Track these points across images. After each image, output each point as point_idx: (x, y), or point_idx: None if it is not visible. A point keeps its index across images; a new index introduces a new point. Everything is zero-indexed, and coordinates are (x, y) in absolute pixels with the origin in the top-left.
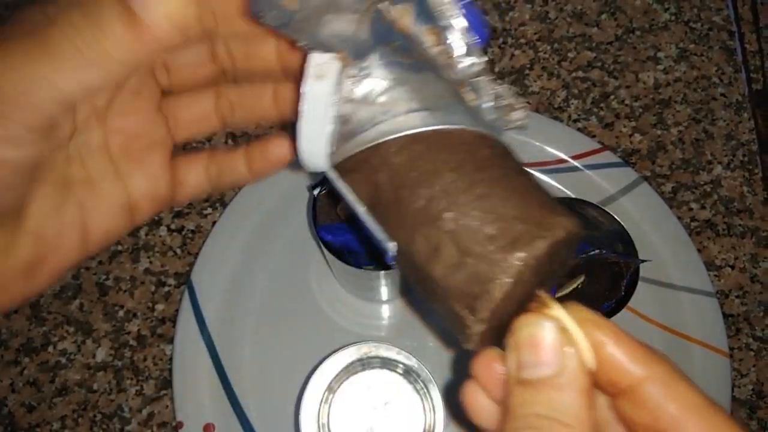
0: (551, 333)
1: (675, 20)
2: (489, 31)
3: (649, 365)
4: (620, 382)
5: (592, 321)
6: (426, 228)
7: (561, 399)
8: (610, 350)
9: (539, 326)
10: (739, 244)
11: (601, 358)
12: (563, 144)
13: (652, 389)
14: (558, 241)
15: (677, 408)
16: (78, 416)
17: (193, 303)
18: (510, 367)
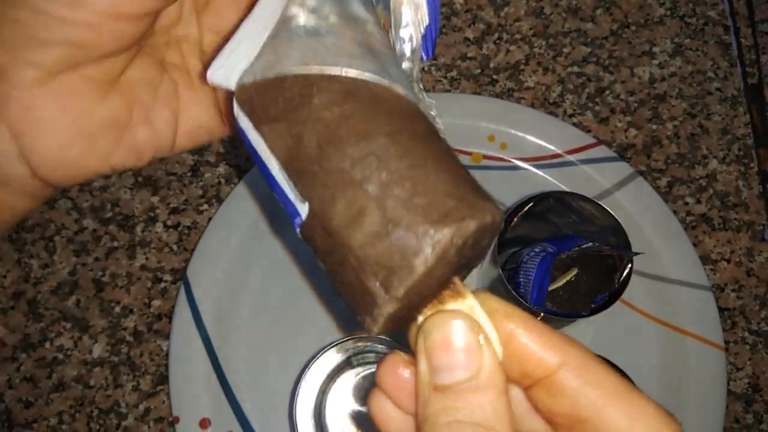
0: (465, 334)
1: (670, 15)
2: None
3: (563, 352)
4: (534, 372)
5: (501, 311)
6: (351, 189)
7: (481, 402)
8: (523, 340)
9: (451, 326)
10: (735, 238)
11: (513, 350)
12: (558, 139)
13: (568, 376)
14: (485, 225)
15: (597, 393)
16: (75, 412)
17: (189, 299)
18: (422, 372)
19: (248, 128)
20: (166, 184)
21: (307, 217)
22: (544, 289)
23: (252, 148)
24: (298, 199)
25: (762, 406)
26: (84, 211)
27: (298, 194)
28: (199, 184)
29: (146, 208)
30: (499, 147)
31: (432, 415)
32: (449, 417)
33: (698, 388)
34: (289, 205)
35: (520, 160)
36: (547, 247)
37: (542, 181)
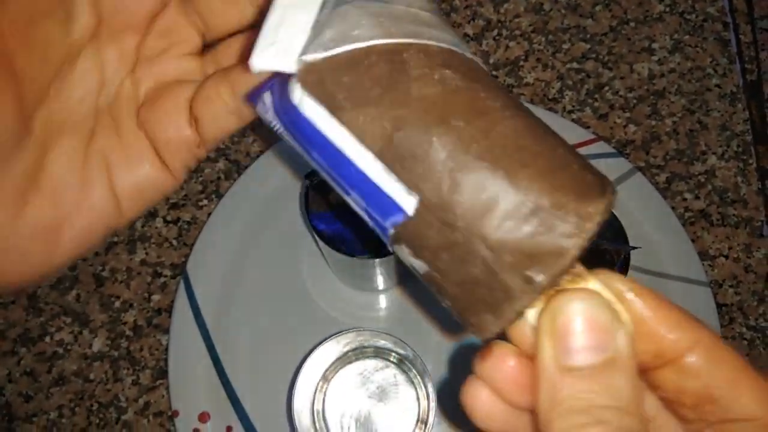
0: (599, 312)
1: (669, 11)
2: None
3: (695, 331)
4: (667, 353)
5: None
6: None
7: (619, 384)
8: (655, 320)
9: (584, 305)
10: (733, 234)
11: (645, 330)
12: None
13: (701, 355)
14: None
15: (730, 373)
16: (75, 406)
17: (188, 293)
18: (547, 356)
19: (320, 116)
20: None
21: (415, 212)
22: None
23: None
24: (403, 191)
25: None
26: None
27: (402, 186)
28: (199, 179)
29: None
30: None
31: (566, 399)
32: (586, 401)
33: None
34: (384, 202)
35: None
36: None
37: None
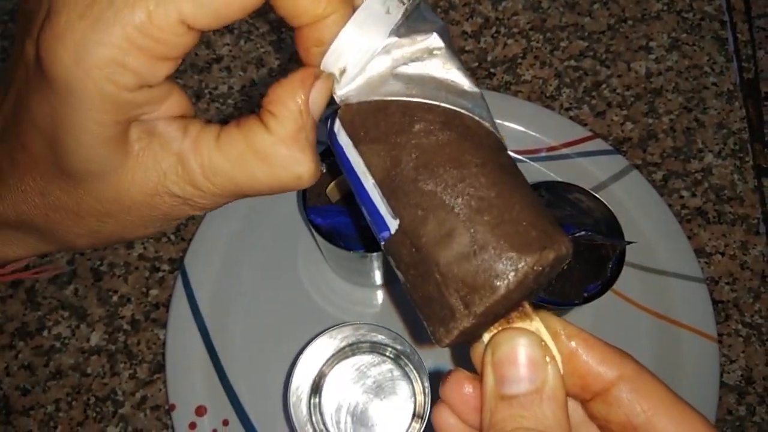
0: (532, 349)
1: (667, 10)
2: None
3: (619, 366)
4: (593, 386)
5: (564, 331)
6: (442, 212)
7: (545, 411)
8: (584, 358)
9: (520, 342)
10: (730, 231)
11: (574, 366)
12: (555, 132)
13: (624, 388)
14: (561, 256)
15: (649, 404)
16: (72, 399)
17: (186, 288)
18: (489, 384)
19: (347, 145)
20: None
21: (396, 232)
22: None
23: (347, 163)
24: (390, 215)
25: (755, 398)
26: None
27: (390, 210)
28: None
29: None
30: None
31: (499, 421)
32: (515, 424)
33: (691, 380)
34: (378, 218)
35: (516, 153)
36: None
37: (538, 174)
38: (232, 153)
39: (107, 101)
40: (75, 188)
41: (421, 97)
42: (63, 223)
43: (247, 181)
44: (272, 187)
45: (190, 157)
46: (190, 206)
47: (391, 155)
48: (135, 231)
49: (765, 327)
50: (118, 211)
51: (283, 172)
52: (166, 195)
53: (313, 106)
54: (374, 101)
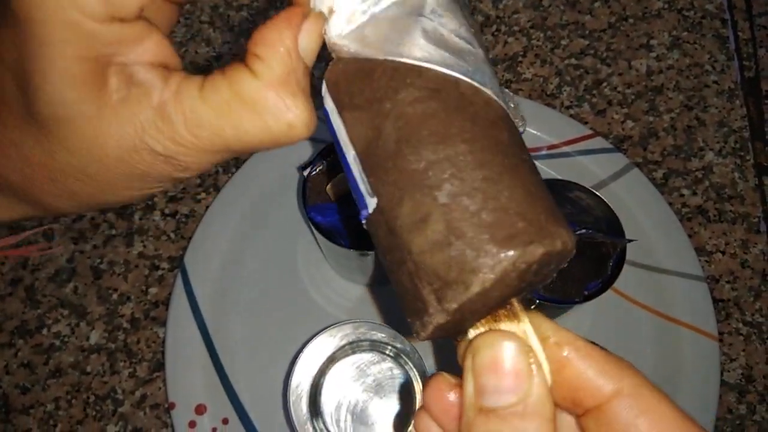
0: (516, 356)
1: (668, 8)
2: None
3: (618, 379)
4: (585, 401)
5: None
6: (420, 193)
7: (526, 429)
8: (576, 368)
9: (502, 347)
10: (730, 229)
11: (565, 377)
12: (555, 130)
13: (622, 405)
14: (553, 252)
15: (651, 425)
16: (71, 398)
17: (185, 286)
18: (468, 393)
19: (332, 111)
20: None
21: (373, 211)
22: None
23: (333, 130)
24: (368, 192)
25: (755, 397)
26: None
27: (369, 187)
28: None
29: None
30: None
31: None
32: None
33: (692, 378)
34: (359, 194)
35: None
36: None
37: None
38: (216, 102)
39: (74, 32)
40: (48, 139)
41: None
42: (39, 180)
43: (233, 133)
44: (262, 140)
45: (171, 107)
46: (172, 165)
47: (373, 125)
48: (115, 193)
49: (765, 326)
50: (93, 167)
51: (273, 121)
52: (145, 151)
53: (302, 49)
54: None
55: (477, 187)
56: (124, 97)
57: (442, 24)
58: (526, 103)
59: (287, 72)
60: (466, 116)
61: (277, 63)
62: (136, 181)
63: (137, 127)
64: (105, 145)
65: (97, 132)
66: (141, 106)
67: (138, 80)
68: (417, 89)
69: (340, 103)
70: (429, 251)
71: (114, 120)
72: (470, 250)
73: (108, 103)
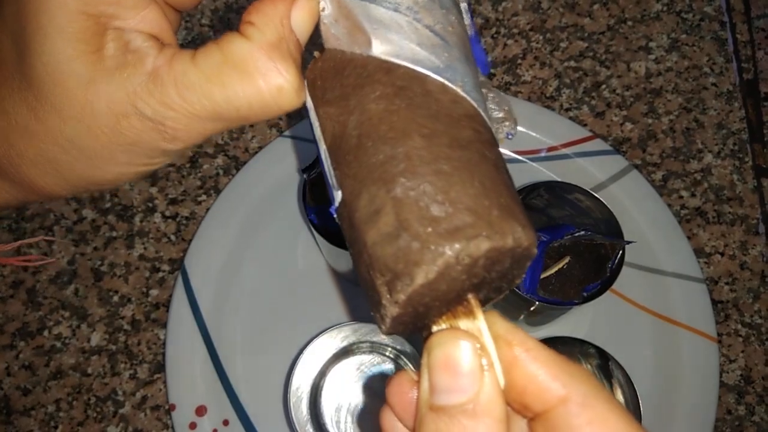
0: (468, 355)
1: (667, 11)
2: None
3: (568, 384)
4: (533, 405)
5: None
6: (375, 187)
7: (475, 428)
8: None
9: (455, 346)
10: (729, 231)
11: (514, 378)
12: (554, 132)
13: (568, 411)
14: (502, 248)
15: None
16: (72, 399)
17: (186, 288)
18: (422, 390)
19: (310, 108)
20: (165, 175)
21: (339, 204)
22: (536, 276)
23: (311, 127)
24: (335, 186)
25: (754, 398)
26: (83, 201)
27: (335, 180)
28: (198, 175)
29: (145, 199)
30: None
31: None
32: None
33: (691, 380)
34: (329, 188)
35: (516, 153)
36: (540, 236)
37: (538, 174)
38: (207, 65)
39: None
40: (40, 103)
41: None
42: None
43: (223, 97)
44: (251, 104)
45: (163, 72)
46: (160, 133)
47: (339, 120)
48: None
49: (764, 327)
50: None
51: (263, 82)
52: (135, 117)
53: (295, 23)
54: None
55: (429, 180)
56: (119, 64)
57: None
58: (525, 105)
59: (279, 38)
60: (428, 112)
61: (270, 29)
62: (124, 154)
63: (129, 91)
64: (95, 111)
65: (89, 97)
66: (135, 71)
67: (134, 47)
68: (383, 85)
69: (316, 100)
70: (380, 243)
71: (106, 84)
72: (416, 242)
73: (102, 68)
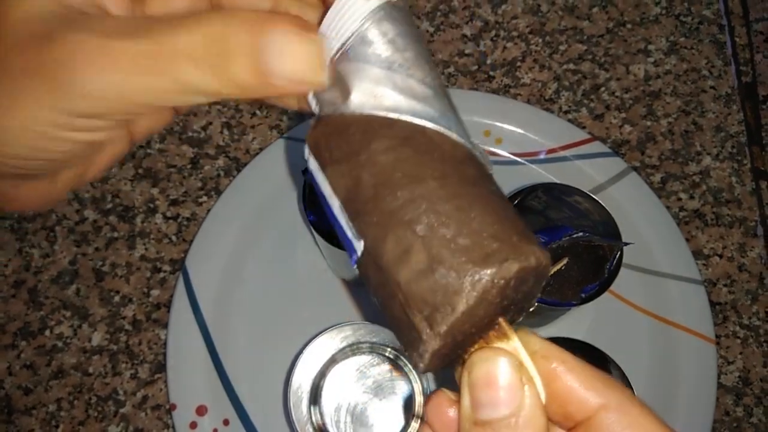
0: (508, 371)
1: (665, 14)
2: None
3: (604, 393)
4: (575, 414)
5: (543, 351)
6: (400, 229)
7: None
8: (564, 381)
9: (495, 363)
10: (728, 233)
11: (554, 390)
12: (553, 134)
13: (607, 418)
14: (528, 268)
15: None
16: (73, 399)
17: (187, 289)
18: (464, 407)
19: (315, 169)
20: (166, 176)
21: (362, 254)
22: None
23: (318, 187)
24: (355, 237)
25: (752, 400)
26: (85, 201)
27: (355, 231)
28: (199, 176)
29: (146, 200)
30: (494, 142)
31: None
32: None
33: (689, 381)
34: (347, 241)
35: (515, 155)
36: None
37: (537, 176)
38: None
39: None
40: None
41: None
42: None
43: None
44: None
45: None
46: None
47: (352, 175)
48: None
49: (762, 329)
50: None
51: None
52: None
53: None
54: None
55: (451, 216)
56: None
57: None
58: (524, 108)
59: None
60: (434, 157)
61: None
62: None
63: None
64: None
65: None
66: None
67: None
68: (389, 139)
69: (322, 161)
70: (415, 280)
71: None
72: (451, 273)
73: None
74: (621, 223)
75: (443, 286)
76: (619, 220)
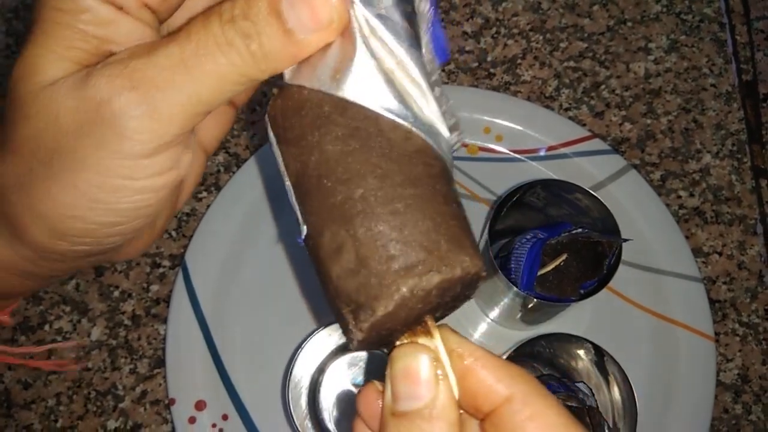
0: (425, 365)
1: (666, 12)
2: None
3: (510, 385)
4: (483, 406)
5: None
6: (335, 226)
7: (432, 430)
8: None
9: (414, 358)
10: (727, 231)
11: (467, 384)
12: (553, 131)
13: (510, 408)
14: (452, 279)
15: (535, 427)
16: (72, 393)
17: (186, 284)
18: (386, 398)
19: (273, 142)
20: None
21: (305, 237)
22: (533, 273)
23: (276, 159)
24: (300, 221)
25: (751, 397)
26: None
27: (300, 216)
28: None
29: None
30: (494, 139)
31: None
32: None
33: (688, 378)
34: (296, 219)
35: (515, 152)
36: (537, 234)
37: (537, 173)
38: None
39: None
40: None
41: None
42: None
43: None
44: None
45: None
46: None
47: (300, 159)
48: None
49: (761, 326)
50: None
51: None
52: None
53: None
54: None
55: (385, 220)
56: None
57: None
58: (524, 105)
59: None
60: (381, 152)
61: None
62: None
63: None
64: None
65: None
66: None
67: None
68: (338, 127)
69: (278, 137)
70: (344, 278)
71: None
72: (374, 278)
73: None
74: (621, 220)
75: (366, 289)
76: (619, 218)
